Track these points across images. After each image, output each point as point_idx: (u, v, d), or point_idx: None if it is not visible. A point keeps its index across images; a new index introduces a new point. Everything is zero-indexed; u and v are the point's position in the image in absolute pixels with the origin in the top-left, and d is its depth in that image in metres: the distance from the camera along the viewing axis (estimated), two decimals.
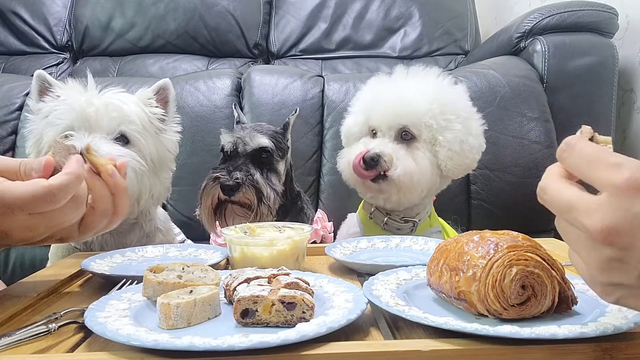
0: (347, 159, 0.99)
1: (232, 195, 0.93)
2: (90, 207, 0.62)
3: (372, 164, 0.92)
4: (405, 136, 0.96)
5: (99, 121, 0.91)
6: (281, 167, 1.02)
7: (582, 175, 0.41)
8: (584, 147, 0.40)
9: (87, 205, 0.61)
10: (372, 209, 1.04)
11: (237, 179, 0.93)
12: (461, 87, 1.04)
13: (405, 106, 0.94)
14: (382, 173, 0.93)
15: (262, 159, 0.98)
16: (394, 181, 0.92)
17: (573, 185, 0.41)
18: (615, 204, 0.37)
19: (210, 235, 1.09)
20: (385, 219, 1.01)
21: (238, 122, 1.08)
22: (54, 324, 0.52)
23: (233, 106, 1.13)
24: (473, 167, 0.99)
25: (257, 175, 0.95)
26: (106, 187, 0.62)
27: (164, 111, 1.00)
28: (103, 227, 0.64)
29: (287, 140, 1.05)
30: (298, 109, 1.09)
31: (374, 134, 0.99)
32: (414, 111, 0.94)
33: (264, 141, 0.98)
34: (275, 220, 0.91)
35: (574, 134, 0.44)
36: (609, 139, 0.44)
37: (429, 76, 1.01)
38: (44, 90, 0.96)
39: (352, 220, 1.11)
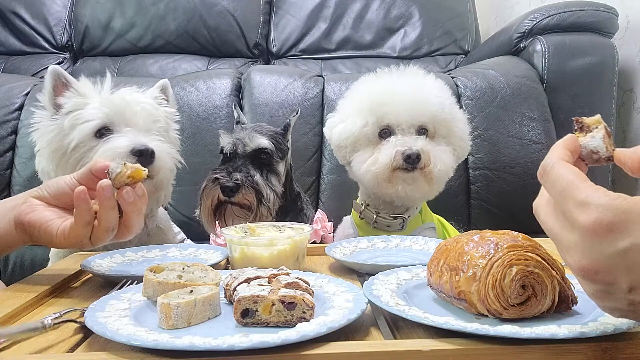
0: (376, 160, 0.97)
1: (231, 197, 0.93)
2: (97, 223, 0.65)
3: (415, 162, 0.94)
4: (423, 133, 0.98)
5: (135, 119, 0.92)
6: (281, 168, 1.02)
7: (557, 204, 0.40)
8: (557, 176, 0.40)
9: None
10: (362, 208, 1.04)
11: (236, 180, 0.93)
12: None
13: (421, 105, 0.97)
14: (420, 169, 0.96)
15: (261, 160, 0.98)
16: (430, 175, 0.95)
17: (557, 217, 0.40)
18: (587, 245, 0.37)
19: (210, 235, 1.09)
20: (375, 216, 1.02)
21: (238, 123, 1.07)
22: (51, 323, 0.52)
23: (233, 106, 1.13)
24: (468, 149, 1.05)
25: (257, 177, 0.95)
26: (115, 207, 0.64)
27: (174, 110, 1.02)
28: (110, 239, 0.67)
29: (287, 142, 1.05)
30: (299, 110, 1.08)
31: (385, 133, 0.98)
32: (430, 109, 0.97)
33: (264, 142, 0.98)
34: (275, 221, 0.91)
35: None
36: (597, 118, 0.44)
37: (420, 73, 1.04)
38: (60, 86, 0.95)
39: (347, 223, 1.11)
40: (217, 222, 0.98)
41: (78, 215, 0.63)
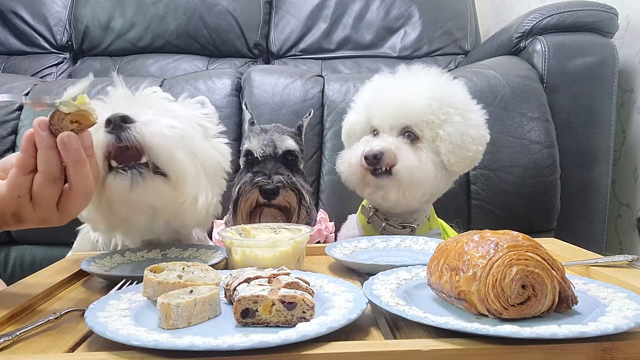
0: (347, 160, 0.98)
1: (272, 199, 0.91)
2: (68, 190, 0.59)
3: (374, 162, 0.91)
4: (408, 136, 0.94)
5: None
6: (302, 168, 1.02)
7: None
8: None
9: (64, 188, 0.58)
10: (370, 214, 1.02)
11: (278, 182, 0.91)
12: (459, 82, 1.03)
13: (406, 105, 0.93)
14: (385, 169, 0.91)
15: (289, 161, 0.97)
16: (396, 177, 0.90)
17: None
18: None
19: (212, 233, 1.08)
20: (384, 224, 1.00)
21: (253, 123, 1.06)
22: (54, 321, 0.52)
23: (244, 106, 1.12)
24: (478, 159, 0.97)
25: (295, 178, 0.94)
26: (54, 147, 0.55)
27: (206, 112, 0.91)
28: (82, 207, 0.61)
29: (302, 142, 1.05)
30: (312, 111, 1.07)
31: (375, 133, 0.98)
32: (415, 110, 0.93)
33: (292, 144, 0.97)
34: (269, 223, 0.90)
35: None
36: None
37: (428, 74, 1.00)
38: None
39: (352, 222, 1.10)
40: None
41: (21, 160, 0.54)
